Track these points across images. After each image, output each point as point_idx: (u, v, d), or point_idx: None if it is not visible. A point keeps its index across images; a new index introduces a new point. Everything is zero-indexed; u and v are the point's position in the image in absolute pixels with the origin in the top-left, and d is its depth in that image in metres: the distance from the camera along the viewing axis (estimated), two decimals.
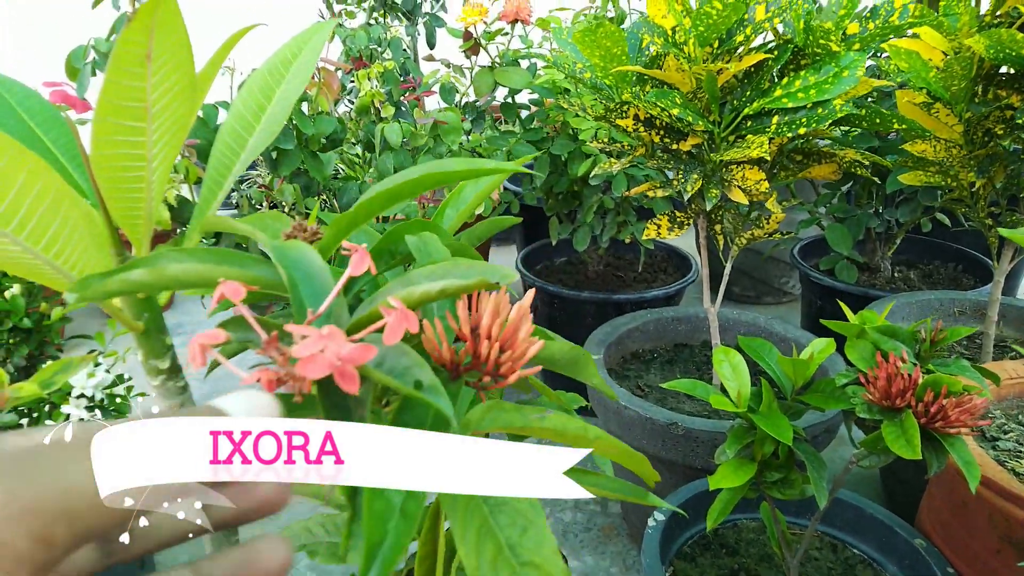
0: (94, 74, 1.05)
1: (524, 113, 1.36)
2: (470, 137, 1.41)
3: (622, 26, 1.36)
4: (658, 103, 0.76)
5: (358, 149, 1.37)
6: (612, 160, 0.93)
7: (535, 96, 1.40)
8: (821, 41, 0.79)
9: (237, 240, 1.06)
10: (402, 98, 1.34)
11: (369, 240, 0.52)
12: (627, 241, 1.37)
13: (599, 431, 0.46)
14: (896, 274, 1.48)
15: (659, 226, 0.92)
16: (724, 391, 0.70)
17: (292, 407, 0.38)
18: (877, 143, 1.31)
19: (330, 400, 0.33)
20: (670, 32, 0.82)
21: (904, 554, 0.79)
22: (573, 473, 0.54)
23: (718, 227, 0.94)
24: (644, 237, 0.91)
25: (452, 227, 0.57)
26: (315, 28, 0.71)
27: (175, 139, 0.55)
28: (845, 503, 0.84)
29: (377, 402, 0.41)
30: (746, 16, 0.80)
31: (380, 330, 0.34)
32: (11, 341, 0.82)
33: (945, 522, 0.81)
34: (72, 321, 0.87)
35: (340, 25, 1.58)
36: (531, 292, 0.35)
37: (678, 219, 0.92)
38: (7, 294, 0.81)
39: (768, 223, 0.92)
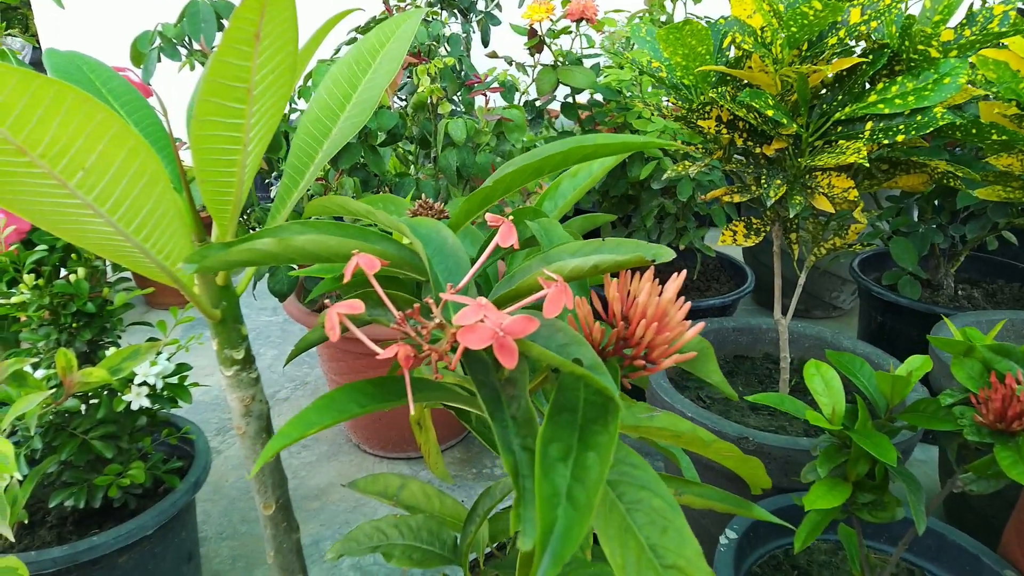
0: (159, 60, 1.04)
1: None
2: (525, 138, 1.39)
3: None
4: (753, 103, 0.73)
5: (411, 146, 1.36)
6: (686, 163, 0.90)
7: (591, 98, 1.38)
8: (919, 46, 0.76)
9: None
10: (456, 95, 1.32)
11: (473, 239, 0.50)
12: (682, 248, 1.34)
13: (711, 434, 0.43)
14: (959, 292, 1.43)
15: (735, 233, 0.89)
16: (815, 406, 0.67)
17: (424, 386, 0.36)
18: (947, 155, 1.27)
19: (478, 378, 0.31)
20: (758, 32, 0.79)
21: None
22: (678, 483, 0.51)
23: (794, 236, 0.91)
24: (719, 244, 0.87)
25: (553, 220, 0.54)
26: (403, 17, 0.69)
27: (271, 122, 0.53)
28: (927, 529, 0.80)
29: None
30: (840, 18, 0.77)
31: (527, 306, 0.32)
32: (74, 325, 0.80)
33: None
34: (134, 307, 0.85)
35: None
36: (683, 273, 0.33)
37: (754, 226, 0.89)
38: (71, 277, 0.80)
39: (848, 233, 0.89)
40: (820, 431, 0.93)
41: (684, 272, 0.34)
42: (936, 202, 1.39)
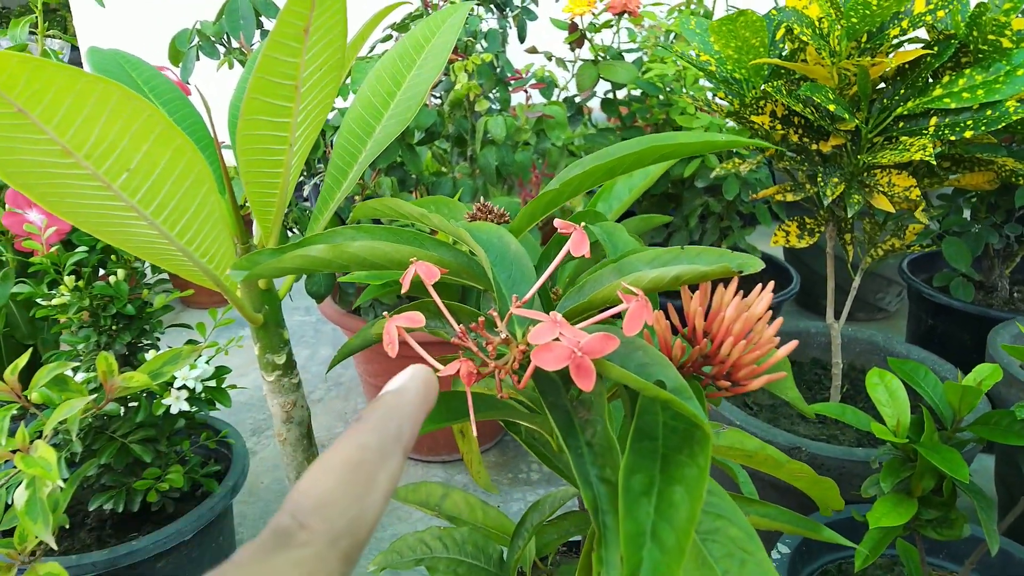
0: (198, 58, 1.03)
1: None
2: (564, 135, 1.36)
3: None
4: (814, 97, 0.69)
5: (446, 145, 1.34)
6: (736, 160, 0.87)
7: (629, 94, 1.34)
8: (990, 36, 0.72)
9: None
10: (492, 92, 1.30)
11: (529, 246, 0.48)
12: (731, 247, 1.31)
13: (783, 454, 0.40)
14: (1015, 294, 1.38)
15: (788, 233, 0.85)
16: (879, 418, 0.64)
17: (484, 404, 0.33)
18: (1005, 151, 1.22)
19: (549, 400, 0.28)
20: (816, 22, 0.76)
21: None
22: (744, 504, 0.48)
23: (848, 236, 0.87)
24: (771, 244, 0.84)
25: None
26: (449, 11, 0.66)
27: (317, 121, 0.51)
28: None
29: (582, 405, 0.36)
30: (904, 8, 0.74)
31: (601, 322, 0.29)
32: (114, 327, 0.80)
33: None
34: (173, 310, 0.84)
35: None
36: (771, 284, 0.30)
37: (808, 226, 0.85)
38: (112, 279, 0.79)
39: (907, 233, 0.85)
40: (876, 442, 0.89)
41: (772, 283, 0.32)
42: (991, 201, 1.34)
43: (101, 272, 0.84)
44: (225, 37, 1.00)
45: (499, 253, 0.34)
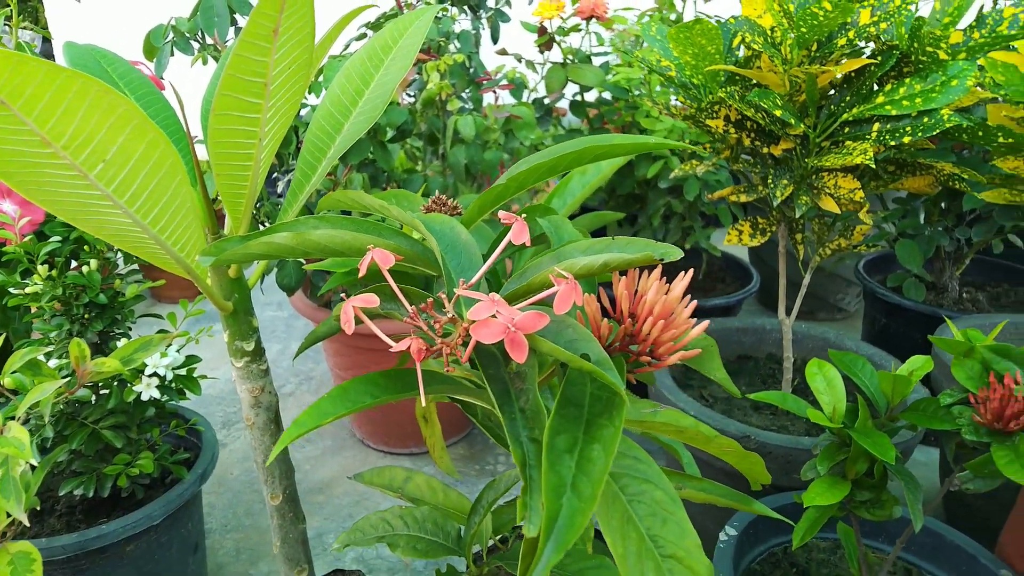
0: (172, 54, 1.05)
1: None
2: (533, 135, 1.40)
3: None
4: (762, 103, 0.73)
5: (419, 142, 1.37)
6: (694, 162, 0.90)
7: (599, 96, 1.38)
8: (928, 48, 0.76)
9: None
10: (465, 92, 1.33)
11: (484, 236, 0.51)
12: (688, 247, 1.35)
13: (713, 430, 0.44)
14: (964, 295, 1.44)
15: (740, 232, 0.89)
16: (816, 405, 0.68)
17: (434, 379, 0.36)
18: (954, 158, 1.27)
19: (488, 372, 0.32)
20: (768, 32, 0.80)
21: None
22: (680, 478, 0.52)
23: (799, 236, 0.92)
24: (724, 243, 0.88)
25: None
26: (417, 13, 0.69)
27: (287, 116, 0.54)
28: (925, 528, 0.81)
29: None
30: (850, 19, 0.78)
31: (537, 303, 0.32)
32: (86, 316, 0.81)
33: None
34: (145, 299, 0.86)
35: None
36: (690, 272, 0.34)
37: (760, 226, 0.89)
38: (84, 268, 0.81)
39: (854, 234, 0.89)
40: (821, 430, 0.94)
41: (691, 272, 0.35)
42: (943, 204, 1.40)
43: (74, 263, 0.85)
44: (199, 33, 1.02)
45: (450, 242, 0.37)
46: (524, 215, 0.39)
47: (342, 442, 1.35)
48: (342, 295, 0.34)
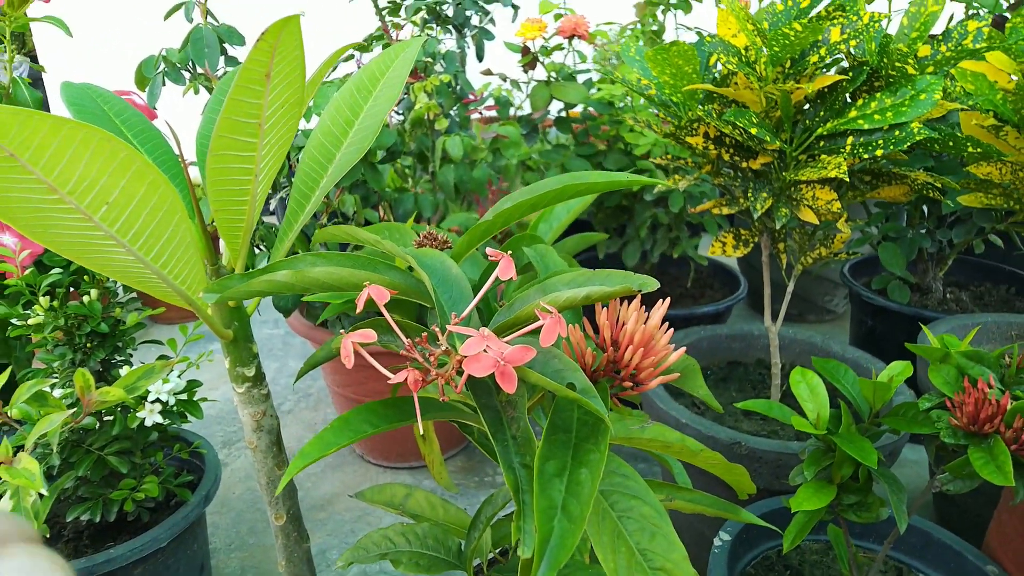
0: (164, 84, 1.07)
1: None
2: (520, 152, 1.42)
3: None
4: (737, 121, 0.76)
5: (409, 161, 1.39)
6: (676, 177, 0.93)
7: (584, 110, 1.41)
8: (897, 63, 0.79)
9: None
10: (453, 110, 1.35)
11: (476, 263, 0.53)
12: (675, 257, 1.37)
13: (699, 444, 0.46)
14: (948, 295, 1.46)
15: (724, 243, 0.92)
16: (799, 411, 0.70)
17: (432, 407, 0.39)
18: (932, 163, 1.30)
19: (481, 401, 0.34)
20: (743, 51, 0.82)
21: None
22: (669, 490, 0.54)
23: (782, 245, 0.94)
24: (709, 253, 0.91)
25: (548, 242, 0.57)
26: (404, 44, 0.72)
27: (280, 153, 0.56)
28: (913, 527, 0.83)
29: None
30: (821, 38, 0.81)
31: (525, 335, 0.35)
32: (88, 345, 0.83)
33: (1019, 550, 0.80)
34: (145, 327, 0.88)
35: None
36: (667, 301, 0.36)
37: (743, 237, 0.92)
38: (85, 298, 0.83)
39: (834, 242, 0.92)
40: (809, 436, 0.96)
41: (668, 300, 0.37)
42: (924, 208, 1.43)
43: (73, 291, 0.87)
44: (190, 64, 1.04)
45: (441, 276, 0.40)
46: (510, 250, 0.42)
47: (342, 458, 1.37)
48: (340, 331, 0.36)
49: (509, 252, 0.36)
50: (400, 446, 1.31)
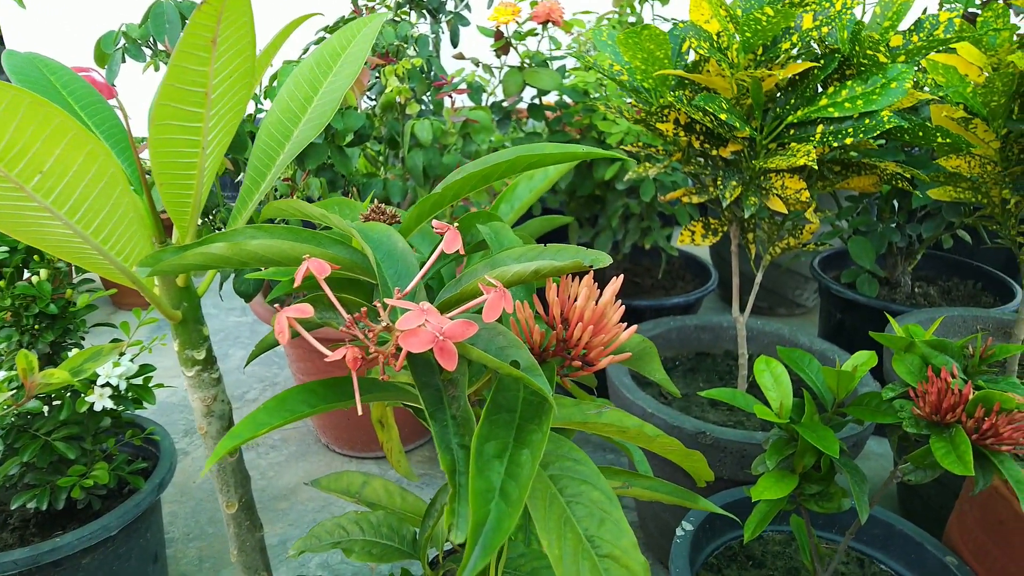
0: (124, 60, 1.04)
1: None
2: (493, 138, 1.40)
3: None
4: (707, 107, 0.75)
5: (380, 147, 1.36)
6: (647, 164, 0.92)
7: (559, 99, 1.39)
8: (868, 52, 0.79)
9: None
10: (425, 96, 1.33)
11: (430, 241, 0.51)
12: (647, 247, 1.37)
13: (657, 429, 0.45)
14: (916, 290, 1.47)
15: (693, 233, 0.91)
16: (764, 401, 0.69)
17: (374, 387, 0.37)
18: (903, 156, 1.31)
19: (421, 379, 0.32)
20: (715, 37, 0.81)
21: (934, 572, 0.78)
22: (626, 476, 0.53)
23: (751, 235, 0.94)
24: (678, 243, 0.90)
25: (509, 222, 0.56)
26: (364, 21, 0.70)
27: (230, 126, 0.54)
28: (874, 518, 0.83)
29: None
30: (793, 24, 0.80)
31: (469, 311, 0.33)
32: (36, 327, 0.80)
33: (979, 541, 0.80)
34: (97, 309, 0.85)
35: None
36: (621, 277, 0.34)
37: (712, 226, 0.91)
38: (34, 279, 0.80)
39: (803, 233, 0.91)
40: (773, 425, 0.96)
41: (622, 276, 0.36)
42: (894, 202, 1.43)
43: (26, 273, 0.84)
44: (151, 40, 1.01)
45: (387, 251, 0.38)
46: (459, 224, 0.40)
47: (307, 448, 1.35)
48: (275, 307, 0.34)
49: (455, 225, 0.34)
50: (365, 435, 1.29)
